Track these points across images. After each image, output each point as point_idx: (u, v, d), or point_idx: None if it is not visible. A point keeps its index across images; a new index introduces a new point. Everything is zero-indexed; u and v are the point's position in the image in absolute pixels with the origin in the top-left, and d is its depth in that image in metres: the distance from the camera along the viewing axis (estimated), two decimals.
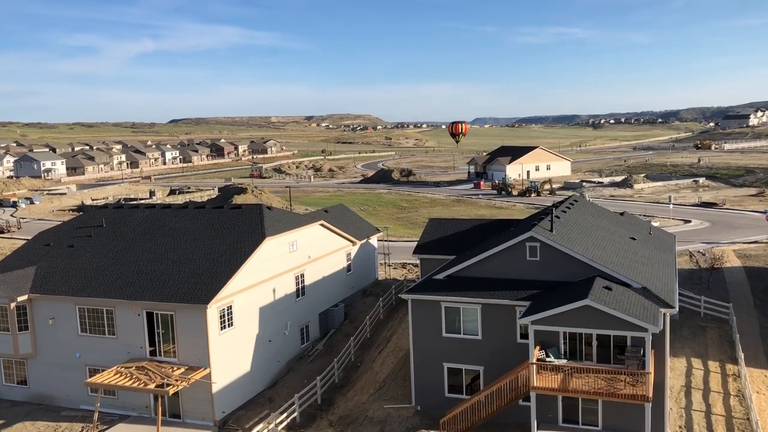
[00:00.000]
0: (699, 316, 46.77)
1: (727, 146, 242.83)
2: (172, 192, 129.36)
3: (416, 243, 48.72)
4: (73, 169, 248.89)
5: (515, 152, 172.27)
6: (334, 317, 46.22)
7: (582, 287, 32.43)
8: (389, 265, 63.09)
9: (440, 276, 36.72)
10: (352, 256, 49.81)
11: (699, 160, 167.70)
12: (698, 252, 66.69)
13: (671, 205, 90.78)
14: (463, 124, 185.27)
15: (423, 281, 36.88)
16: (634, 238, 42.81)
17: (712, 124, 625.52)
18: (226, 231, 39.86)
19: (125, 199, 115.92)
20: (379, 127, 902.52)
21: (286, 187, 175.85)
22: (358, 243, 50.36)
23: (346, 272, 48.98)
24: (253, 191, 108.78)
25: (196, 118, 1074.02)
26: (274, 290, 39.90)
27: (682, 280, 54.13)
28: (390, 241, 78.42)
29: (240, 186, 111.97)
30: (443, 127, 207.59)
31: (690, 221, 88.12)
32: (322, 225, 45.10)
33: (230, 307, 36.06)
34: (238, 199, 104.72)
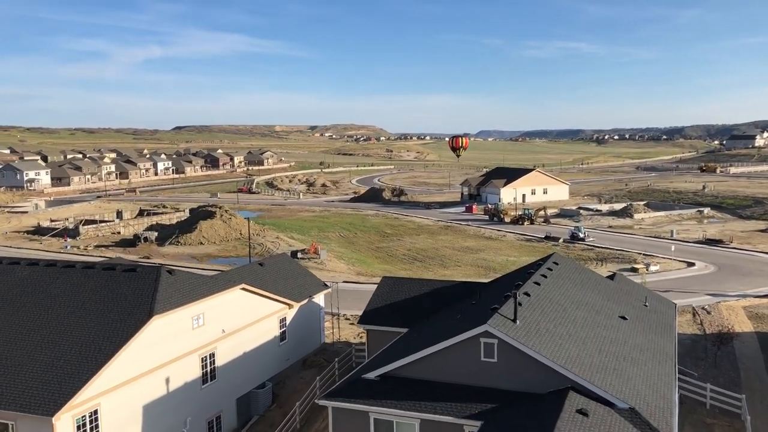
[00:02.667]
0: (704, 408, 38.31)
1: (732, 170, 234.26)
2: (141, 213, 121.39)
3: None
4: (58, 180, 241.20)
5: (510, 174, 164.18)
6: (258, 401, 37.95)
7: (549, 410, 24.13)
8: (347, 319, 54.81)
9: (371, 375, 28.46)
10: (288, 321, 41.58)
11: (704, 187, 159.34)
12: (703, 309, 58.27)
13: (673, 247, 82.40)
14: (464, 139, 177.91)
15: (348, 383, 28.61)
16: (624, 318, 34.50)
17: (716, 142, 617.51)
18: (111, 302, 31.70)
19: (86, 221, 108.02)
20: (382, 138, 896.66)
21: (272, 205, 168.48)
22: (297, 305, 42.12)
23: (278, 342, 40.72)
24: (222, 216, 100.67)
25: (200, 126, 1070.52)
26: (167, 380, 31.70)
27: (684, 352, 45.77)
28: (357, 283, 70.21)
29: (209, 209, 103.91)
30: (446, 139, 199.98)
31: (694, 264, 79.70)
32: (244, 289, 36.88)
33: (95, 412, 27.84)
34: (204, 226, 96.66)
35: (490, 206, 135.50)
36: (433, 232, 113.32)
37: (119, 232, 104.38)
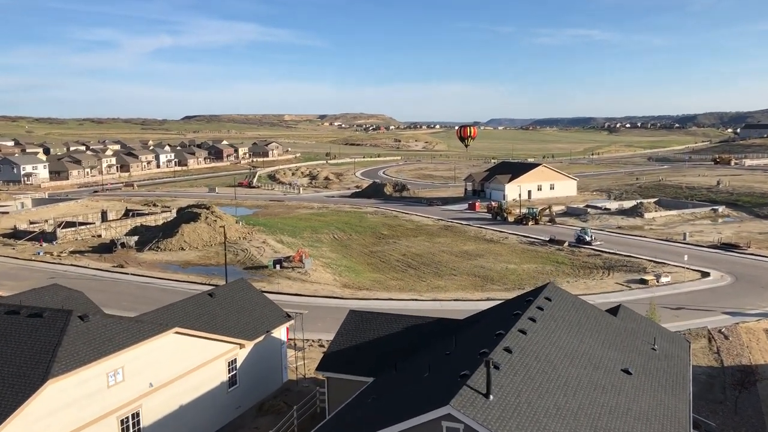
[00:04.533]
0: None
1: (748, 162, 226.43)
2: (126, 214, 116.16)
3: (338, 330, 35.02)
4: (56, 173, 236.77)
5: (516, 169, 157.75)
6: None
7: None
8: (321, 345, 49.25)
9: None
10: (240, 363, 36.06)
11: (718, 183, 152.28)
12: (720, 332, 52.26)
13: (686, 256, 76.17)
14: (472, 128, 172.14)
15: None
16: (628, 372, 28.68)
17: (730, 130, 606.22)
18: (5, 360, 26.22)
19: (67, 224, 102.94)
20: (391, 127, 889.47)
21: (270, 201, 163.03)
22: (251, 343, 36.58)
23: (226, 389, 35.24)
24: (206, 219, 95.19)
25: (209, 115, 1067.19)
26: None
27: (699, 393, 39.93)
28: (341, 298, 64.66)
29: (194, 211, 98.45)
30: (456, 128, 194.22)
31: (708, 274, 73.48)
32: (179, 333, 31.35)
33: None
34: (186, 230, 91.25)
35: (493, 204, 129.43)
36: (432, 234, 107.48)
37: (100, 235, 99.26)
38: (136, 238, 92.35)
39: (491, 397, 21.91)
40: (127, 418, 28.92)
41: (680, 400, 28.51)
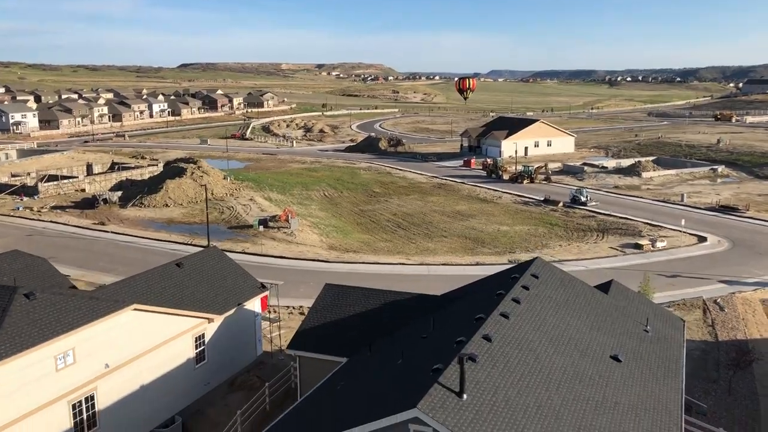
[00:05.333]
0: None
1: (749, 119, 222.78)
2: (112, 167, 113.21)
3: (313, 305, 33.07)
4: (46, 122, 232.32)
5: (513, 125, 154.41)
6: None
7: None
8: (301, 313, 47.38)
9: None
10: (208, 339, 34.09)
11: (718, 141, 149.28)
12: (715, 303, 50.48)
13: (683, 220, 74.06)
14: (471, 80, 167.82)
15: None
16: (617, 359, 26.75)
17: (732, 85, 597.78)
18: None
19: (50, 177, 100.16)
20: (390, 78, 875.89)
21: (262, 154, 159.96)
22: (221, 317, 34.57)
23: (193, 365, 33.34)
24: (192, 174, 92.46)
25: (206, 63, 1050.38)
26: None
27: (692, 371, 38.27)
28: (324, 261, 62.66)
29: (180, 166, 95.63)
30: (455, 80, 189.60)
31: (705, 239, 71.48)
32: (137, 310, 29.24)
33: None
34: (171, 186, 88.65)
35: (488, 161, 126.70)
36: (425, 192, 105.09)
37: (84, 190, 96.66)
38: (119, 193, 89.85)
39: (465, 396, 19.92)
40: (80, 402, 27.03)
41: (672, 389, 26.65)
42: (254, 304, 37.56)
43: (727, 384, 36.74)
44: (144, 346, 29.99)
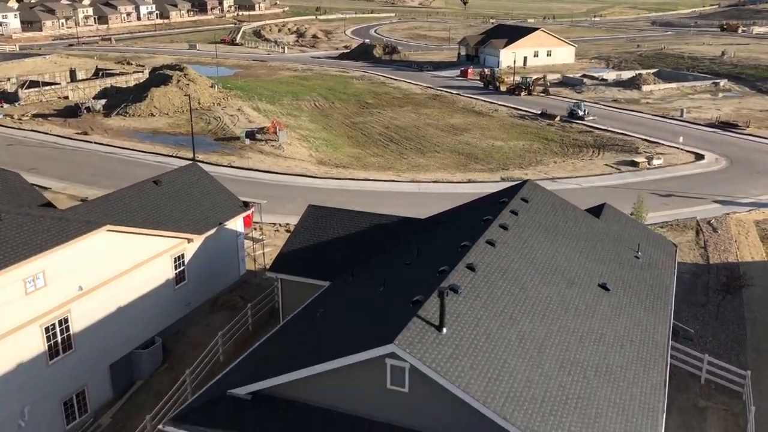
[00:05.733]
0: (698, 384, 30.88)
1: (756, 29, 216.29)
2: (96, 74, 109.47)
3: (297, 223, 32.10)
4: (28, 24, 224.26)
5: (513, 34, 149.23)
6: (142, 363, 30.49)
7: None
8: (288, 231, 46.47)
9: (241, 391, 20.41)
10: (188, 258, 33.17)
11: (723, 54, 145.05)
12: (708, 224, 49.72)
13: (681, 138, 72.40)
14: None
15: (207, 401, 20.58)
16: (605, 288, 25.98)
17: None
18: None
19: (31, 83, 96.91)
20: None
21: (252, 61, 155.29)
22: (201, 237, 33.52)
23: (173, 286, 32.55)
24: (178, 82, 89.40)
25: None
26: None
27: (681, 294, 37.86)
28: (313, 177, 61.29)
29: (165, 73, 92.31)
30: None
31: (703, 157, 70.06)
32: (111, 231, 28.11)
33: None
34: (156, 94, 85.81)
35: (486, 71, 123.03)
36: (419, 104, 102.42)
37: (67, 97, 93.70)
38: (103, 101, 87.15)
39: (445, 330, 19.14)
40: (53, 325, 26.33)
41: (660, 318, 26.06)
42: (236, 224, 36.49)
43: (716, 309, 36.35)
44: (119, 268, 29.07)
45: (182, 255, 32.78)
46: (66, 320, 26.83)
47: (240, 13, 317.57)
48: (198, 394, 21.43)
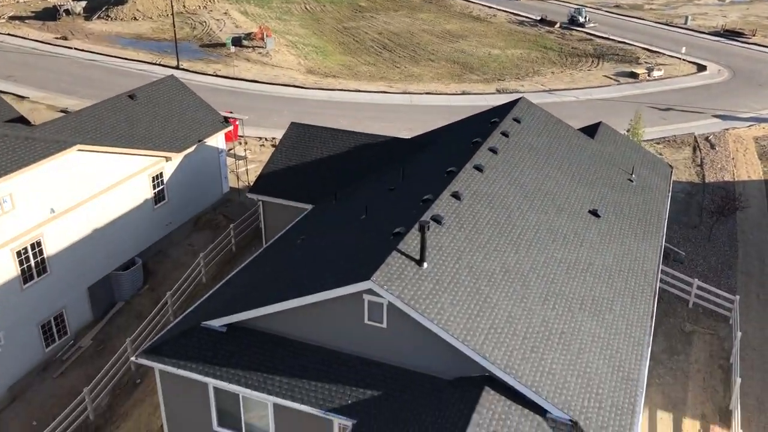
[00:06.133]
0: (686, 307, 30.65)
1: None
2: None
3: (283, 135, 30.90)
4: None
5: None
6: (122, 284, 29.95)
7: (450, 420, 15.96)
8: (273, 146, 45.16)
9: (215, 323, 19.84)
10: (168, 177, 32.01)
11: None
12: (706, 140, 48.47)
13: (684, 48, 69.78)
14: None
15: (181, 333, 20.02)
16: (596, 214, 25.13)
17: None
18: None
19: None
20: None
21: None
22: (179, 155, 32.24)
23: (152, 206, 31.53)
24: None
25: None
26: None
27: (674, 215, 37.19)
28: (301, 87, 59.20)
29: None
30: None
31: (705, 68, 67.78)
32: (82, 150, 26.82)
33: None
34: None
35: None
36: (414, 8, 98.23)
37: None
38: (83, 3, 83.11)
39: (425, 264, 18.34)
40: (25, 249, 25.51)
41: (651, 246, 25.35)
42: (217, 140, 35.13)
43: (708, 231, 35.74)
44: (94, 189, 27.99)
45: (161, 174, 31.63)
46: (39, 244, 26.00)
47: None
48: (171, 325, 20.87)
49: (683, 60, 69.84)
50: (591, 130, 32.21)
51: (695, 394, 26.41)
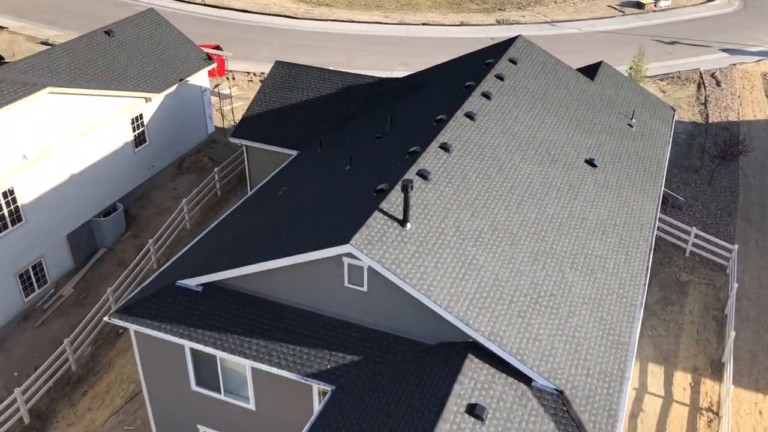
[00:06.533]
0: (682, 256, 29.92)
1: None
2: None
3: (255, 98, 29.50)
4: None
5: None
6: (103, 231, 29.08)
7: (432, 391, 15.37)
8: (262, 81, 43.48)
9: (191, 283, 19.08)
10: (148, 119, 30.66)
11: None
12: (712, 77, 46.69)
13: None
14: None
15: (156, 291, 19.25)
16: (592, 163, 24.04)
17: None
18: None
19: None
20: None
21: None
22: (160, 95, 30.79)
23: (132, 149, 30.30)
24: None
25: None
26: None
27: (675, 157, 36.10)
28: (291, 17, 56.73)
29: None
30: None
31: None
32: (53, 93, 25.44)
33: None
34: None
35: None
36: None
37: None
38: None
39: (409, 225, 17.39)
40: None
41: (649, 197, 24.37)
42: (200, 78, 33.55)
43: (709, 174, 34.64)
44: (69, 133, 26.75)
45: (141, 116, 30.27)
46: (12, 191, 24.98)
47: None
48: (146, 282, 20.11)
49: None
50: (591, 71, 30.67)
51: (687, 346, 25.99)
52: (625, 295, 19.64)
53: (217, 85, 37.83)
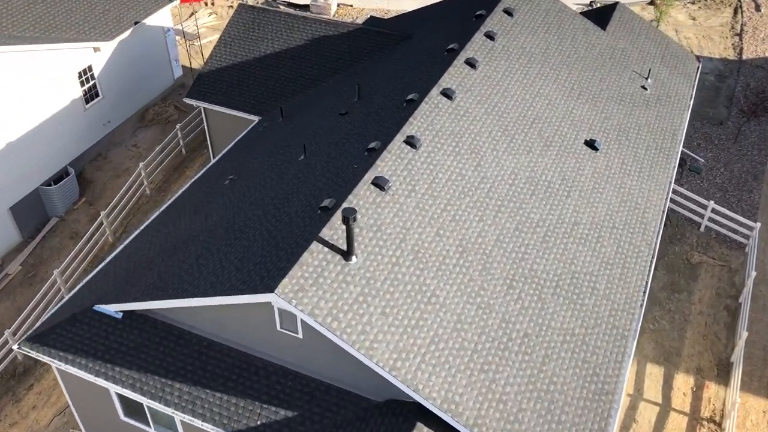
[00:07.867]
0: (697, 234, 26.64)
1: None
2: None
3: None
4: None
5: None
6: (53, 200, 26.38)
7: None
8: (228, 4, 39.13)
9: (110, 309, 16.54)
10: (100, 70, 27.14)
11: None
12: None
13: None
14: None
15: (72, 316, 16.74)
16: (593, 146, 20.51)
17: None
18: None
19: None
20: None
21: None
22: (112, 42, 27.11)
23: (83, 106, 26.99)
24: None
25: None
26: None
27: (698, 106, 32.02)
28: None
29: None
30: None
31: None
32: None
33: None
34: None
35: None
36: None
37: None
38: None
39: (354, 258, 14.46)
40: None
41: (658, 184, 20.95)
42: (161, 18, 29.63)
43: (736, 129, 30.61)
44: (7, 96, 23.56)
45: (89, 67, 26.79)
46: None
47: None
48: (59, 305, 17.61)
49: None
50: (604, 16, 26.27)
51: (693, 342, 23.31)
52: (616, 324, 16.78)
53: (192, 13, 33.66)
